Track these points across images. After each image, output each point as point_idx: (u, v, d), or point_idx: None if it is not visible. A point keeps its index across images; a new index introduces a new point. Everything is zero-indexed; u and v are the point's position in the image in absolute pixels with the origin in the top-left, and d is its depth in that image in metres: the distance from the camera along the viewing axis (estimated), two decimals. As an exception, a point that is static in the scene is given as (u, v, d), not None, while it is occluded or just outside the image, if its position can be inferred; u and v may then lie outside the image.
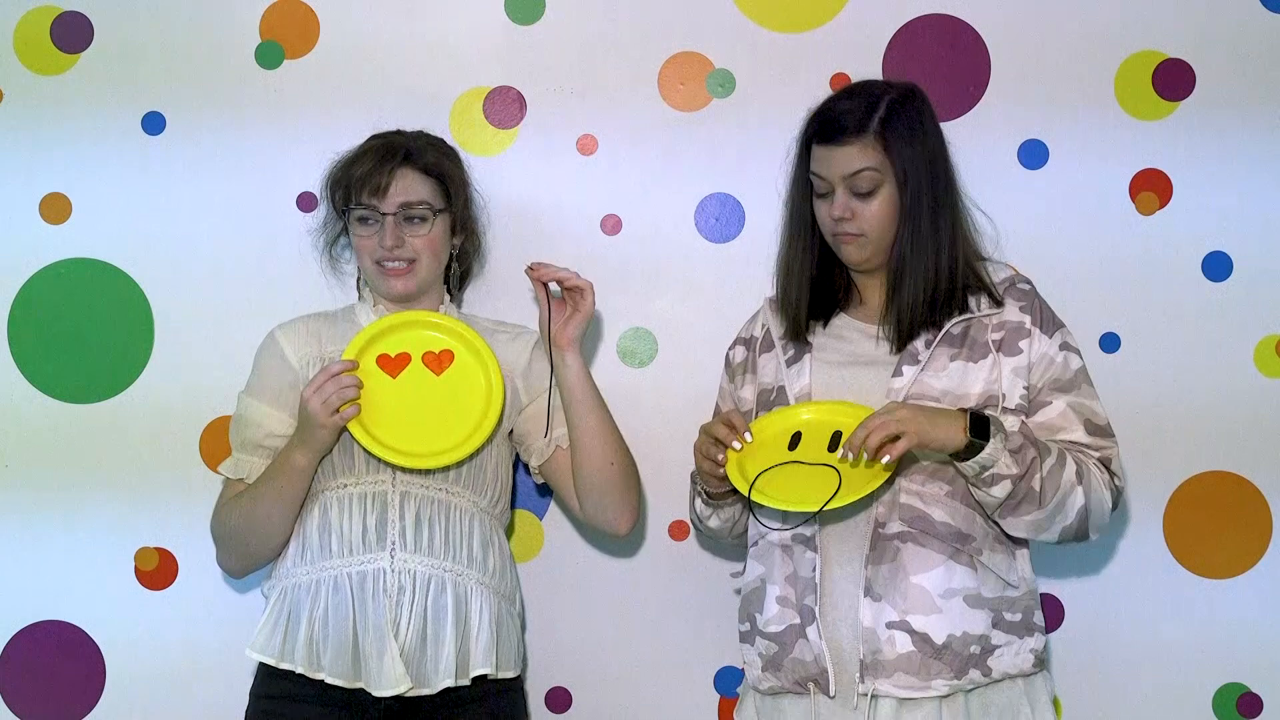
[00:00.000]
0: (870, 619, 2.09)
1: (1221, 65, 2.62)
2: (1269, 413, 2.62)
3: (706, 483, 2.22)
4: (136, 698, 2.66)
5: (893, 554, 2.09)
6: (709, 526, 2.30)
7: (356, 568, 2.24)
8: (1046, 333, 2.17)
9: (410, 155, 2.33)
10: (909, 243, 2.15)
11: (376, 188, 2.30)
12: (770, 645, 2.17)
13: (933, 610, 2.08)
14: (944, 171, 2.18)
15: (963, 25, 2.63)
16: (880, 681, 2.08)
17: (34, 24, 2.67)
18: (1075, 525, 2.11)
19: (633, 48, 2.65)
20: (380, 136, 2.39)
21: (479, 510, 2.32)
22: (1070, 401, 2.15)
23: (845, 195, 2.15)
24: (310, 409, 2.20)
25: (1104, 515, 2.15)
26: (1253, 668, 2.62)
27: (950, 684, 2.09)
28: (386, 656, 2.19)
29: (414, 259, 2.33)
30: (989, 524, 2.13)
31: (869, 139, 2.13)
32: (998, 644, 2.11)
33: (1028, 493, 2.05)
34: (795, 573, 2.15)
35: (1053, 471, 2.06)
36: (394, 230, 2.30)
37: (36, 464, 2.67)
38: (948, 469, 2.11)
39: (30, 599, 2.67)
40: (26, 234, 2.67)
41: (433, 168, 2.35)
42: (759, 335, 2.32)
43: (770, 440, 2.15)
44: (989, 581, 2.11)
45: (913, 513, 2.10)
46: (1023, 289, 2.20)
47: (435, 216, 2.33)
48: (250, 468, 2.31)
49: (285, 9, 2.66)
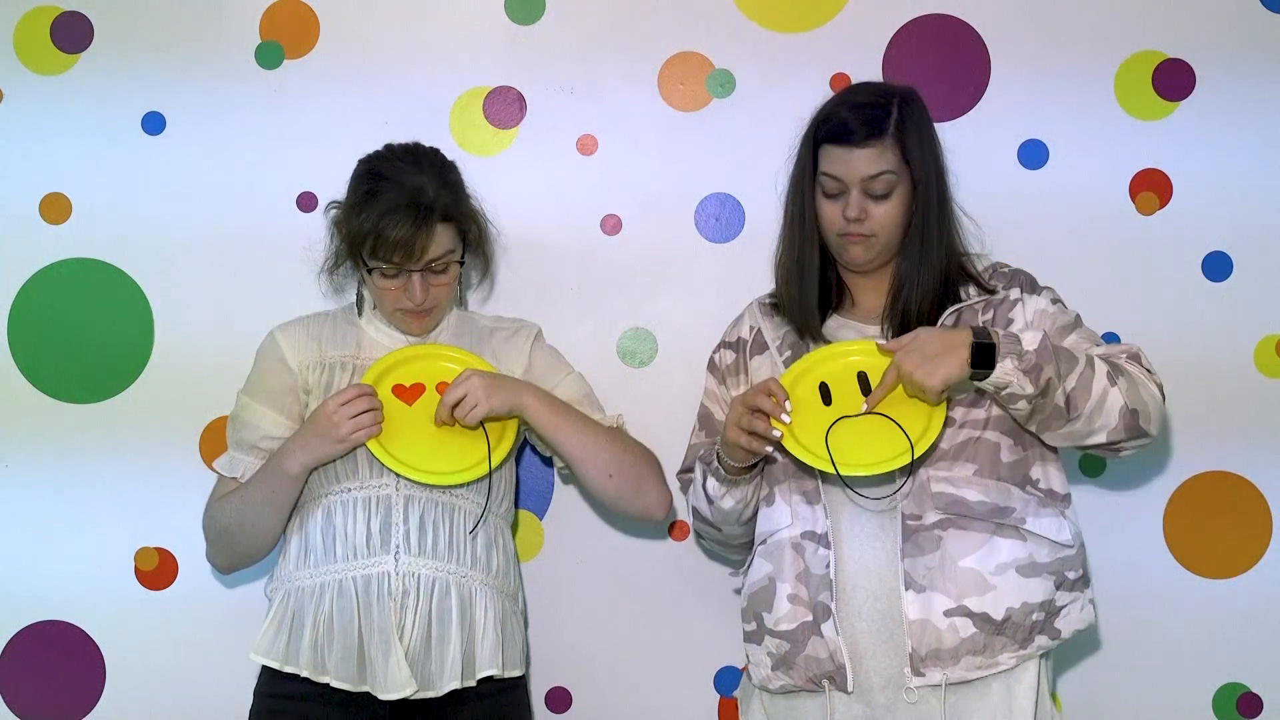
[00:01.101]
0: (918, 611, 2.09)
1: (1221, 65, 2.62)
2: (1269, 413, 2.62)
3: (733, 457, 2.19)
4: (136, 698, 2.66)
5: (934, 543, 2.10)
6: (721, 509, 2.25)
7: (361, 571, 2.24)
8: (1035, 293, 2.20)
9: (438, 209, 2.25)
10: (918, 245, 2.18)
11: (410, 253, 2.24)
12: (781, 644, 2.17)
13: (987, 589, 2.08)
14: (944, 174, 2.22)
15: (963, 25, 2.63)
16: (949, 669, 2.08)
17: (34, 24, 2.67)
18: (1123, 424, 2.08)
19: (633, 48, 2.65)
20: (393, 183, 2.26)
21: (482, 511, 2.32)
22: (1078, 333, 2.17)
23: (860, 196, 2.17)
24: (334, 422, 2.20)
25: (1157, 408, 2.12)
26: (1253, 668, 2.62)
27: (1017, 655, 2.09)
28: (392, 660, 2.19)
29: (434, 306, 2.32)
30: (1028, 490, 2.13)
31: (888, 141, 2.15)
32: (1063, 605, 2.13)
33: (1054, 409, 2.05)
34: (807, 570, 2.15)
35: (1082, 378, 2.05)
36: (422, 286, 2.28)
37: (36, 464, 2.67)
38: (968, 448, 2.12)
39: (30, 599, 2.67)
40: (26, 234, 2.67)
41: (452, 213, 2.28)
42: (748, 338, 2.32)
43: (804, 399, 2.14)
44: (1041, 547, 2.12)
45: (947, 499, 2.11)
46: (1004, 271, 2.25)
47: (458, 264, 2.32)
48: (245, 467, 2.31)
49: (285, 9, 2.66)
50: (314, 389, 2.32)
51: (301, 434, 2.24)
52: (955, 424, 2.14)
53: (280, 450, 2.26)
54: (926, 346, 2.05)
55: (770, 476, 2.23)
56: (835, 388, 2.15)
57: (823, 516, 2.15)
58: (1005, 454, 2.14)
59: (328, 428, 2.21)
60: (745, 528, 2.31)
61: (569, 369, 2.44)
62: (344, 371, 2.33)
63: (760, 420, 2.11)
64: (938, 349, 2.04)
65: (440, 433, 2.26)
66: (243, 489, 2.29)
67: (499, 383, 2.27)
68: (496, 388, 2.26)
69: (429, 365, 2.32)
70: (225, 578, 2.62)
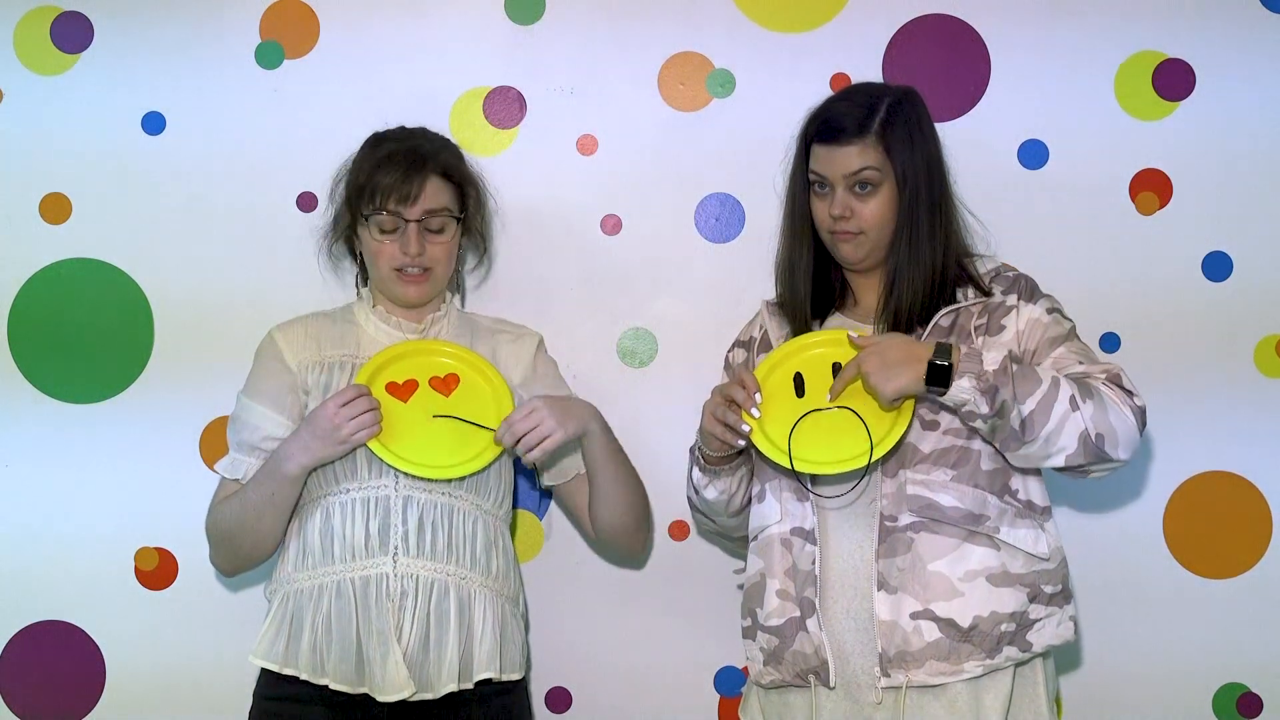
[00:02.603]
0: (888, 612, 2.09)
1: (1221, 65, 2.62)
2: (1269, 413, 2.62)
3: (710, 446, 2.20)
4: (136, 698, 2.66)
5: (906, 545, 2.10)
6: (705, 498, 2.28)
7: (359, 573, 2.24)
8: (1031, 301, 2.19)
9: (435, 162, 2.31)
10: (906, 242, 2.17)
11: (405, 196, 2.27)
12: (771, 639, 2.17)
13: (954, 595, 2.08)
14: (940, 173, 2.21)
15: (963, 25, 2.63)
16: (913, 672, 2.08)
17: (34, 24, 2.67)
18: (1082, 449, 2.05)
19: (633, 48, 2.65)
20: (395, 139, 2.34)
21: (482, 513, 2.32)
22: (1067, 347, 2.15)
23: (845, 194, 2.17)
24: (335, 424, 2.19)
25: (1127, 433, 2.08)
26: (1253, 668, 2.62)
27: (984, 664, 2.09)
28: (390, 662, 2.19)
29: (431, 267, 2.32)
30: (1005, 500, 2.13)
31: (870, 139, 2.15)
32: (1037, 618, 2.12)
33: (1010, 430, 2.04)
34: (795, 566, 2.16)
35: (1043, 401, 2.03)
36: (417, 238, 2.29)
37: (36, 464, 2.67)
38: (949, 455, 2.12)
39: (30, 599, 2.67)
40: (26, 234, 2.67)
41: (453, 173, 2.34)
42: (757, 336, 2.33)
43: (776, 391, 2.15)
44: (1016, 558, 2.11)
45: (921, 502, 2.11)
46: (1008, 276, 2.23)
47: (455, 224, 2.33)
48: (247, 468, 2.31)
49: (285, 9, 2.66)
50: (313, 389, 2.32)
51: (300, 435, 2.24)
52: (939, 428, 2.13)
53: (278, 452, 2.25)
54: (889, 352, 2.06)
55: (762, 473, 2.24)
56: (809, 379, 2.15)
57: (811, 513, 2.16)
58: (985, 462, 2.13)
59: (329, 429, 2.20)
60: (738, 519, 2.32)
61: (566, 388, 2.45)
62: (343, 371, 2.33)
63: (733, 411, 2.13)
64: (899, 358, 2.05)
65: (436, 428, 2.26)
66: (243, 491, 2.29)
67: (567, 407, 2.25)
68: (567, 414, 2.23)
69: (422, 361, 2.31)
70: (225, 578, 2.62)
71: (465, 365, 2.31)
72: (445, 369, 2.30)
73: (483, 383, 2.31)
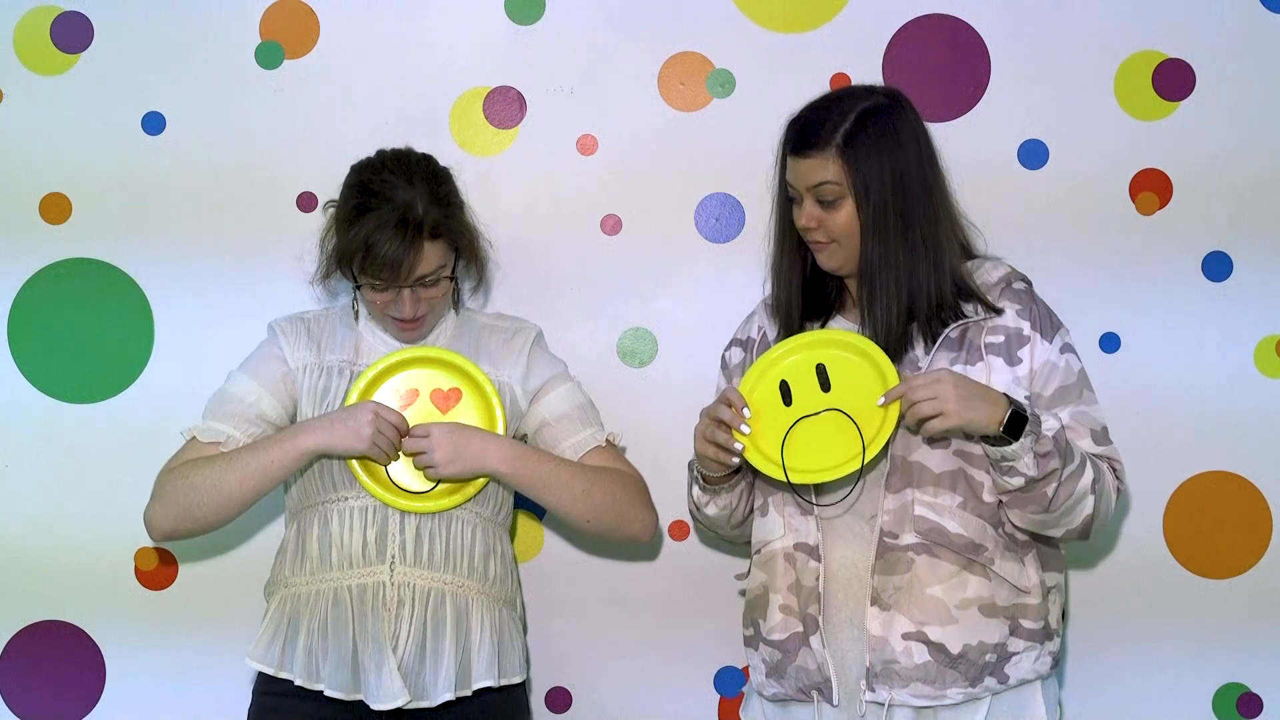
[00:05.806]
0: (880, 628, 2.09)
1: (1221, 65, 2.62)
2: (1269, 413, 2.62)
3: (706, 467, 2.19)
4: (136, 698, 2.66)
5: (906, 565, 2.09)
6: (706, 515, 2.27)
7: (356, 580, 2.24)
8: (1046, 337, 2.15)
9: (426, 224, 2.22)
10: (876, 256, 2.12)
11: (397, 271, 2.22)
12: (774, 653, 2.17)
13: (949, 621, 2.08)
14: (918, 182, 2.13)
15: (963, 25, 2.63)
16: (896, 691, 2.09)
17: (34, 24, 2.67)
18: (1079, 530, 2.12)
19: (633, 48, 2.65)
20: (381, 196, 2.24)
21: (481, 520, 2.32)
22: (1074, 411, 2.14)
23: (812, 204, 2.14)
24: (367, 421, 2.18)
25: (1106, 519, 2.15)
26: (1253, 668, 2.62)
27: (965, 692, 2.09)
28: (385, 670, 2.19)
29: (425, 314, 2.31)
30: (999, 532, 2.13)
31: (830, 153, 2.11)
32: (1015, 651, 2.12)
33: (1040, 496, 2.05)
34: (798, 581, 2.15)
35: (1069, 480, 2.06)
36: (412, 302, 2.26)
37: (36, 464, 2.67)
38: (958, 480, 2.11)
39: (30, 599, 2.67)
40: (26, 234, 2.67)
41: (442, 229, 2.25)
42: (755, 337, 2.32)
43: (764, 402, 2.15)
44: (1002, 590, 2.11)
45: (927, 524, 2.10)
46: (1018, 290, 2.19)
47: (449, 278, 2.31)
48: (227, 437, 2.28)
49: (285, 9, 2.66)
50: (305, 393, 2.32)
51: (328, 417, 2.22)
52: (949, 446, 2.11)
53: (300, 424, 2.24)
54: (965, 385, 2.02)
55: (763, 487, 2.22)
56: (795, 384, 2.14)
57: (814, 528, 2.15)
58: (986, 495, 2.12)
59: (359, 424, 2.19)
60: (740, 530, 2.31)
61: (567, 377, 2.42)
62: (340, 377, 2.32)
63: (723, 431, 2.11)
64: (979, 392, 2.02)
65: None
66: (233, 455, 2.24)
67: (462, 447, 2.22)
68: (457, 454, 2.22)
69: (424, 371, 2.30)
70: (225, 578, 2.62)
71: (468, 383, 2.30)
72: (449, 384, 2.30)
73: (481, 403, 2.30)
